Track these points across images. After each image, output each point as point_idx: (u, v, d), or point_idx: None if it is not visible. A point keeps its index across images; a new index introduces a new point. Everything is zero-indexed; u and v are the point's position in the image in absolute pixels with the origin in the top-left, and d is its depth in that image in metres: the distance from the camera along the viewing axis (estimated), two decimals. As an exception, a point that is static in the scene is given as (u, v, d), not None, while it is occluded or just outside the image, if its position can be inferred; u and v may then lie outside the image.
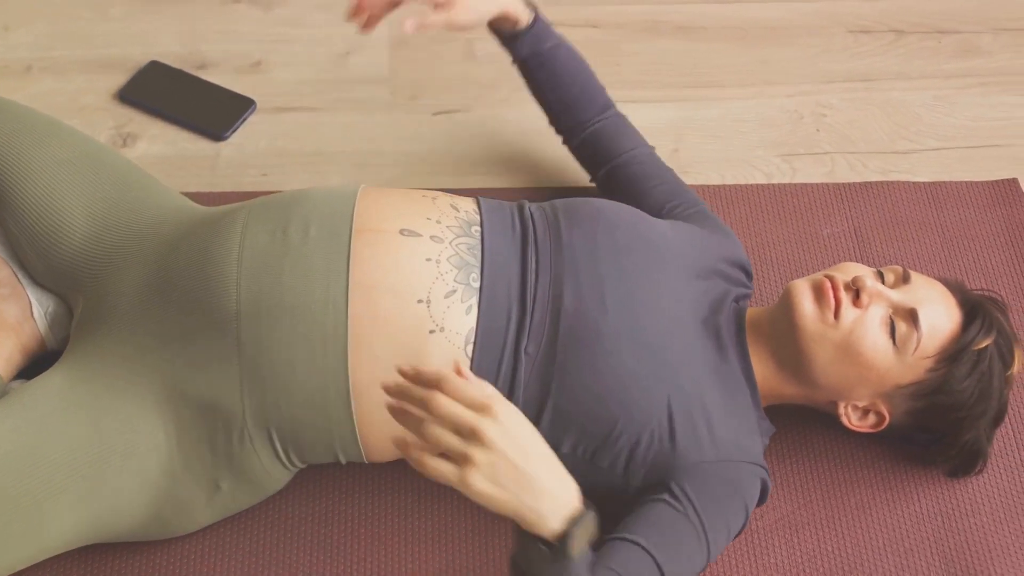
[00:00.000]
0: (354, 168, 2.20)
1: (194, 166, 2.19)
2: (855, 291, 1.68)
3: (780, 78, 2.39)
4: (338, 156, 2.22)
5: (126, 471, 1.59)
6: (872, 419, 1.75)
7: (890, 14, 2.51)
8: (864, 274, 1.70)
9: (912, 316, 1.67)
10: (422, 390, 1.37)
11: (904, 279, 1.71)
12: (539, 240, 1.69)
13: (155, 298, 1.65)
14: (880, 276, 1.72)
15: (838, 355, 1.67)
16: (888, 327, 1.67)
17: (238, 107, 2.26)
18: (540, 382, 1.63)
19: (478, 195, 1.79)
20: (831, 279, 1.69)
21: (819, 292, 1.68)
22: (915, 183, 2.21)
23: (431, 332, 1.60)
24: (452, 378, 1.37)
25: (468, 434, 1.35)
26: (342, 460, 1.68)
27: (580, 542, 1.40)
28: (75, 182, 1.75)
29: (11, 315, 1.78)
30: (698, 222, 1.88)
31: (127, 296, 1.67)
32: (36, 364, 1.79)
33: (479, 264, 1.65)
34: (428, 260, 1.62)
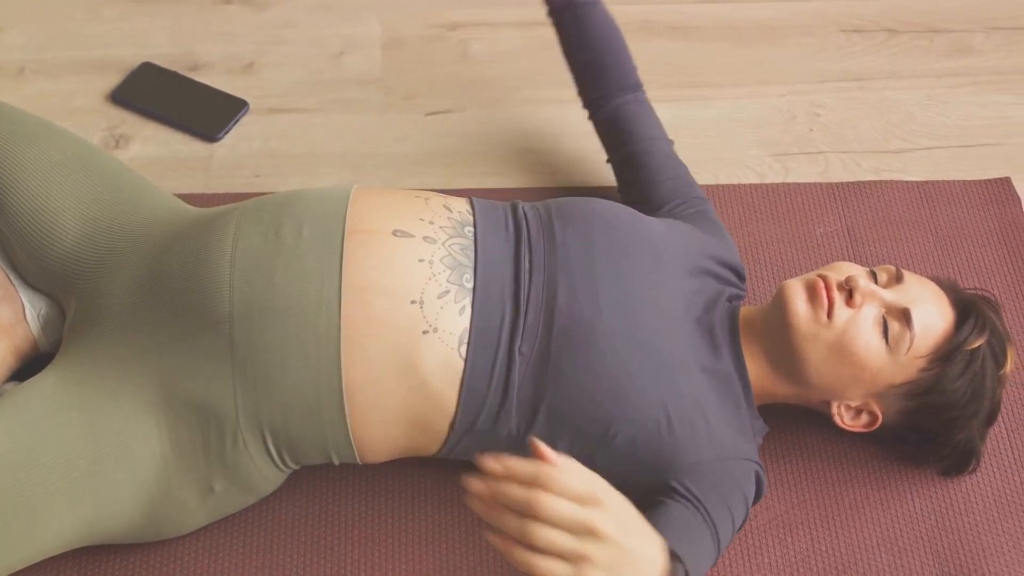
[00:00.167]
0: (347, 169, 2.20)
1: (187, 167, 2.19)
2: (848, 291, 1.68)
3: (773, 78, 2.39)
4: (331, 157, 2.22)
5: (120, 473, 1.59)
6: (865, 419, 1.75)
7: (883, 13, 2.52)
8: (857, 274, 1.70)
9: (905, 316, 1.67)
10: (521, 491, 1.32)
11: (897, 279, 1.71)
12: (533, 240, 1.69)
13: (148, 300, 1.64)
14: (873, 276, 1.72)
15: (831, 355, 1.67)
16: (881, 327, 1.67)
17: (231, 108, 2.26)
18: (534, 382, 1.63)
19: (471, 195, 1.79)
20: (824, 279, 1.69)
21: (812, 292, 1.68)
22: (908, 182, 2.21)
23: (424, 333, 1.60)
24: (552, 474, 1.32)
25: (582, 531, 1.31)
26: (335, 461, 1.68)
27: None
28: (67, 184, 1.75)
29: (4, 317, 1.77)
30: (696, 222, 1.88)
31: (120, 298, 1.67)
32: (29, 366, 1.79)
33: (472, 265, 1.64)
34: (421, 261, 1.62)
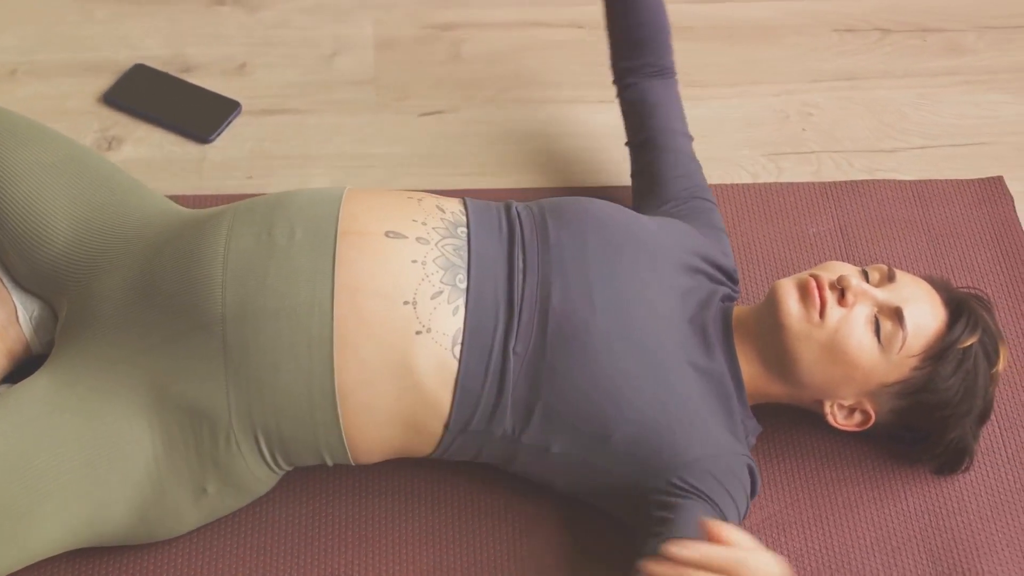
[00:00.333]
0: (340, 170, 2.20)
1: (179, 169, 2.18)
2: (840, 290, 1.68)
3: (766, 77, 2.39)
4: (324, 158, 2.22)
5: (113, 474, 1.59)
6: (858, 418, 1.75)
7: (875, 13, 2.52)
8: (849, 273, 1.70)
9: (897, 315, 1.67)
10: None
11: (889, 278, 1.72)
12: (526, 240, 1.69)
13: (140, 301, 1.64)
14: (865, 275, 1.72)
15: (823, 354, 1.67)
16: (873, 326, 1.67)
17: (223, 109, 2.26)
18: (529, 382, 1.63)
19: (465, 196, 1.79)
20: (816, 278, 1.69)
21: (804, 291, 1.68)
22: (901, 181, 2.21)
23: (417, 333, 1.60)
24: (748, 561, 1.40)
25: None
26: (329, 462, 1.68)
27: None
28: (59, 186, 1.74)
29: (-4, 319, 1.77)
30: (696, 222, 1.88)
31: (112, 300, 1.66)
32: (21, 368, 1.79)
33: (465, 265, 1.64)
34: (414, 262, 1.62)
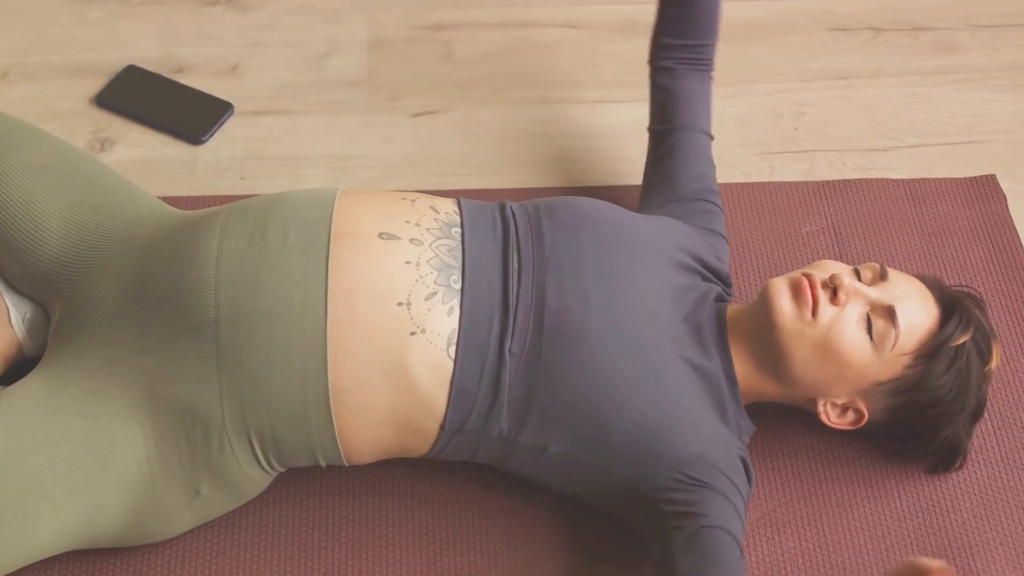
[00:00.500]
0: (332, 171, 2.20)
1: (172, 170, 2.18)
2: (833, 289, 1.68)
3: (758, 76, 2.39)
4: (316, 159, 2.22)
5: (105, 476, 1.59)
6: (851, 416, 1.75)
7: (867, 12, 2.52)
8: (842, 272, 1.70)
9: (890, 313, 1.67)
10: None
11: (882, 276, 1.72)
12: (521, 240, 1.69)
13: (133, 303, 1.64)
14: (857, 274, 1.72)
15: (816, 353, 1.67)
16: (866, 324, 1.67)
17: (216, 111, 2.26)
18: (525, 382, 1.63)
19: (459, 196, 1.79)
20: (809, 277, 1.69)
21: (797, 290, 1.68)
22: (894, 180, 2.21)
23: (412, 334, 1.60)
24: None
25: None
26: (322, 463, 1.68)
27: None
28: (51, 187, 1.74)
29: (-12, 322, 1.77)
30: (693, 222, 1.88)
31: (105, 301, 1.66)
32: (14, 371, 1.78)
33: (460, 266, 1.64)
34: (408, 263, 1.62)
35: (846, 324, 1.67)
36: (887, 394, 1.71)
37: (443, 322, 1.61)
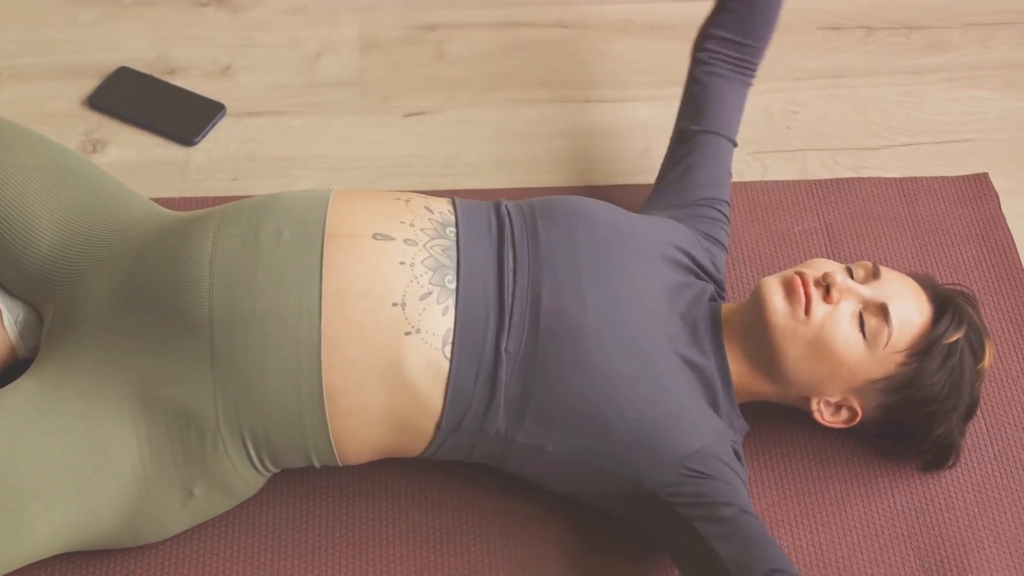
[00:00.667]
0: (325, 172, 2.20)
1: (164, 172, 2.18)
2: (825, 287, 1.68)
3: (750, 76, 2.39)
4: (309, 160, 2.22)
5: (99, 478, 1.59)
6: (845, 414, 1.75)
7: (859, 10, 2.52)
8: (834, 270, 1.70)
9: (882, 311, 1.67)
10: None
11: (874, 274, 1.72)
12: (516, 238, 1.69)
13: (127, 304, 1.64)
14: (849, 272, 1.72)
15: (809, 351, 1.68)
16: (858, 322, 1.68)
17: (208, 112, 2.26)
18: (522, 382, 1.63)
19: (453, 196, 1.79)
20: (801, 275, 1.69)
21: (789, 289, 1.69)
22: (886, 179, 2.21)
23: (407, 334, 1.59)
24: None
25: None
26: (316, 464, 1.68)
27: None
28: (43, 189, 1.74)
29: (-20, 324, 1.77)
30: (693, 225, 1.87)
31: (98, 303, 1.66)
32: (6, 373, 1.78)
33: (455, 265, 1.64)
34: (402, 264, 1.62)
35: (839, 322, 1.67)
36: (880, 392, 1.71)
37: (438, 321, 1.61)
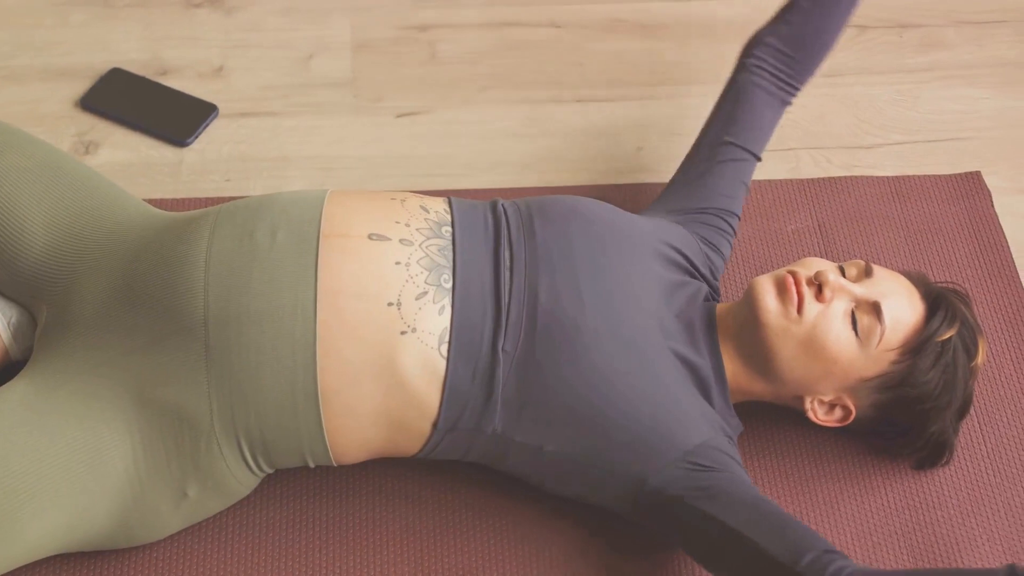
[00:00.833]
0: (318, 172, 2.20)
1: (157, 173, 2.18)
2: (818, 286, 1.69)
3: (743, 75, 2.39)
4: (302, 160, 2.22)
5: (93, 479, 1.59)
6: (838, 413, 1.75)
7: (852, 9, 2.52)
8: (827, 269, 1.70)
9: (875, 309, 1.68)
10: None
11: (867, 273, 1.72)
12: (512, 238, 1.69)
13: (121, 305, 1.64)
14: (842, 271, 1.72)
15: (802, 349, 1.68)
16: (851, 320, 1.68)
17: (200, 113, 2.26)
18: (519, 381, 1.63)
19: (448, 196, 1.79)
20: (793, 274, 1.69)
21: (782, 288, 1.69)
22: (879, 177, 2.21)
23: (403, 333, 1.59)
24: None
25: None
26: (311, 464, 1.68)
27: None
28: (36, 191, 1.74)
29: (-27, 326, 1.77)
30: (696, 230, 1.87)
31: (92, 304, 1.66)
32: (0, 375, 1.78)
33: (451, 265, 1.64)
34: (398, 264, 1.62)
35: (831, 320, 1.67)
36: (874, 390, 1.71)
37: (434, 321, 1.61)
